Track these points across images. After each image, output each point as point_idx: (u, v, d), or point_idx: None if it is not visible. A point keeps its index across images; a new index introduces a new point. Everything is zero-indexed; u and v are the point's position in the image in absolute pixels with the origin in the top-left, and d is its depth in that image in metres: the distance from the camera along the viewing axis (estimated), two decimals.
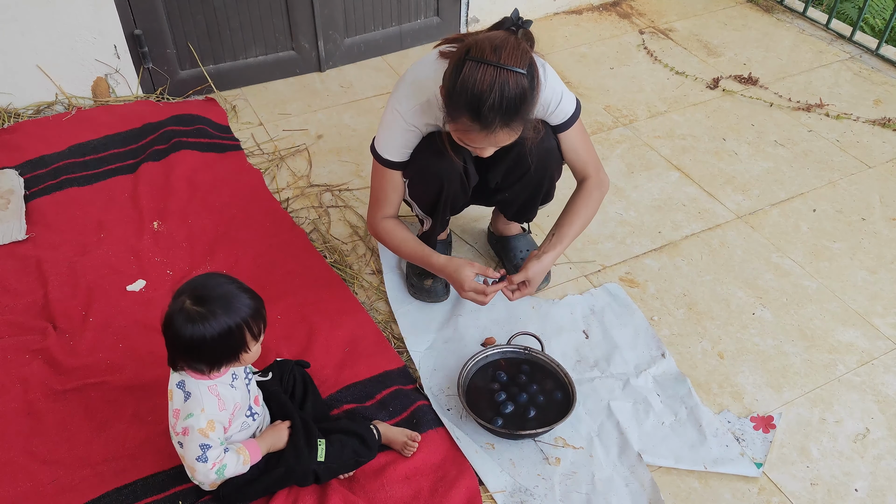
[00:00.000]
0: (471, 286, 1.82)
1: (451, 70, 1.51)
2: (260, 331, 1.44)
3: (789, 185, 2.54)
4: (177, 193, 2.39)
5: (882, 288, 2.17)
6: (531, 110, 1.55)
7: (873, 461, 1.75)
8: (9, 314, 2.01)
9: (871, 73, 3.08)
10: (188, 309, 1.37)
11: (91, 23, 2.63)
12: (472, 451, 1.71)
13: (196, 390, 1.44)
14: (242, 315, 1.39)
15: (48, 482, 1.64)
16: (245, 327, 1.40)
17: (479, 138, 1.55)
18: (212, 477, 1.46)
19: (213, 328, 1.36)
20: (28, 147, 2.52)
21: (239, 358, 1.44)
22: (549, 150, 1.84)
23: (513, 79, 1.46)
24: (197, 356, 1.41)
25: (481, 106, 1.47)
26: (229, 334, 1.38)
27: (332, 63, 3.07)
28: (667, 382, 1.90)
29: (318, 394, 1.74)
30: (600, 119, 2.84)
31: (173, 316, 1.38)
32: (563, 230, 1.89)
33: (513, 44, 1.49)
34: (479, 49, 1.47)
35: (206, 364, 1.42)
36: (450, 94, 1.52)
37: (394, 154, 1.81)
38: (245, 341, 1.41)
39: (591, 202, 1.91)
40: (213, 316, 1.36)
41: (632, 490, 1.67)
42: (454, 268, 1.83)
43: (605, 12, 3.53)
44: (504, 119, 1.50)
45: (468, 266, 1.83)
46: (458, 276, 1.82)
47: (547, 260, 1.87)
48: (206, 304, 1.37)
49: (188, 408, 1.44)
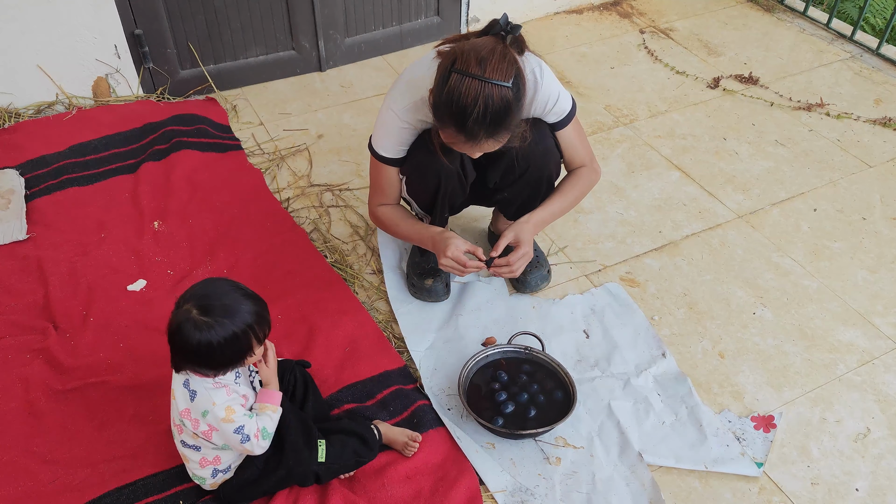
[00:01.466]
0: (454, 254, 1.78)
1: (437, 80, 1.53)
2: (264, 334, 1.46)
3: (790, 184, 2.54)
4: (177, 193, 2.39)
5: (882, 287, 2.17)
6: (516, 121, 1.56)
7: (874, 461, 1.75)
8: (9, 314, 2.02)
9: (871, 73, 3.08)
10: (195, 319, 1.39)
11: (91, 22, 2.63)
12: (472, 451, 1.71)
13: (201, 387, 1.45)
14: (247, 321, 1.41)
15: (49, 482, 1.65)
16: (250, 332, 1.42)
17: (466, 147, 1.59)
18: (264, 445, 1.49)
19: (219, 336, 1.38)
20: (29, 147, 2.53)
21: (244, 361, 1.46)
22: (548, 149, 1.84)
23: (497, 92, 1.48)
24: (204, 362, 1.43)
25: (466, 119, 1.49)
26: (235, 340, 1.40)
27: (332, 63, 3.07)
28: (667, 382, 1.90)
29: (318, 393, 1.74)
30: (601, 119, 2.84)
31: (181, 325, 1.39)
32: (545, 203, 1.89)
33: (499, 55, 1.49)
34: (465, 61, 1.48)
35: (212, 368, 1.44)
36: (436, 105, 1.54)
37: (390, 151, 1.82)
38: (251, 345, 1.43)
39: (581, 182, 1.92)
40: (220, 325, 1.38)
41: (632, 490, 1.67)
42: (446, 236, 1.82)
43: (605, 12, 3.53)
44: (488, 131, 1.52)
45: (459, 238, 1.82)
46: (446, 242, 1.80)
47: (523, 220, 1.84)
48: (212, 313, 1.39)
49: (199, 406, 1.45)
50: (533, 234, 1.85)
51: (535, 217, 1.87)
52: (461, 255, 1.80)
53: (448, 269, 1.82)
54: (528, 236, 1.83)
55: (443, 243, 1.81)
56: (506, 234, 1.83)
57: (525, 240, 1.82)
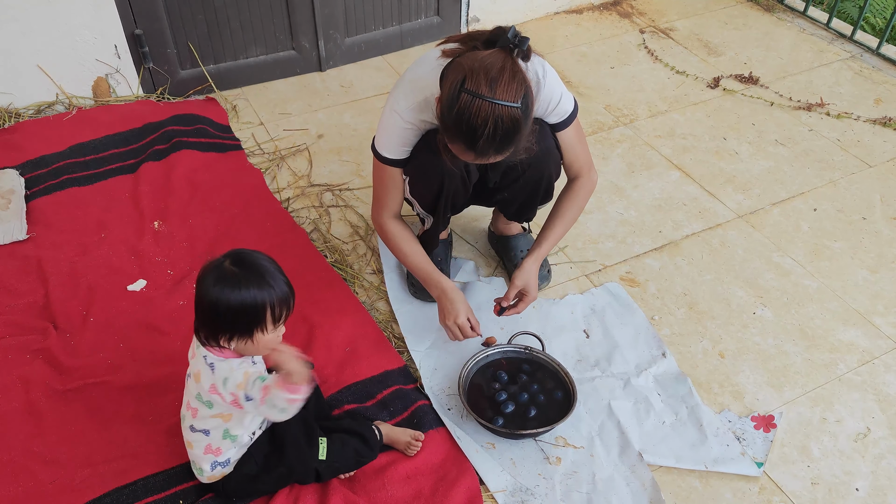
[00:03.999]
0: (462, 322, 1.82)
1: (446, 96, 1.52)
2: (282, 316, 1.42)
3: (790, 184, 2.54)
4: (177, 193, 2.39)
5: (883, 287, 2.17)
6: (525, 135, 1.57)
7: (874, 460, 1.75)
8: (10, 314, 2.02)
9: (871, 73, 3.08)
10: (225, 267, 1.38)
11: (91, 23, 2.63)
12: (472, 451, 1.71)
13: (217, 360, 1.43)
14: (271, 293, 1.39)
15: (49, 482, 1.65)
16: (269, 306, 1.39)
17: (473, 160, 1.60)
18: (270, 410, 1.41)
19: (238, 293, 1.36)
20: (29, 147, 2.53)
21: (253, 336, 1.41)
22: (548, 149, 1.84)
23: (507, 113, 1.48)
24: (214, 316, 1.39)
25: (476, 140, 1.50)
26: (252, 305, 1.37)
27: (332, 63, 3.07)
28: (667, 382, 1.90)
29: (319, 393, 1.74)
30: (601, 118, 2.84)
31: (207, 271, 1.39)
32: (546, 233, 1.93)
33: (508, 74, 1.49)
34: (475, 81, 1.48)
35: (221, 329, 1.40)
36: (445, 122, 1.54)
37: (393, 152, 1.81)
38: (265, 319, 1.40)
39: (578, 201, 1.95)
40: (245, 281, 1.37)
41: (632, 489, 1.67)
42: (456, 298, 1.84)
43: (605, 12, 3.53)
44: (497, 149, 1.54)
45: (466, 304, 1.85)
46: (456, 307, 1.83)
47: (529, 266, 1.89)
48: (243, 268, 1.38)
49: (221, 373, 1.42)
50: (538, 272, 1.91)
51: (540, 254, 1.91)
52: (467, 327, 1.83)
53: (446, 330, 1.85)
54: (534, 282, 1.89)
55: (452, 306, 1.84)
56: (515, 283, 1.88)
57: (532, 286, 1.89)
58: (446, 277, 1.90)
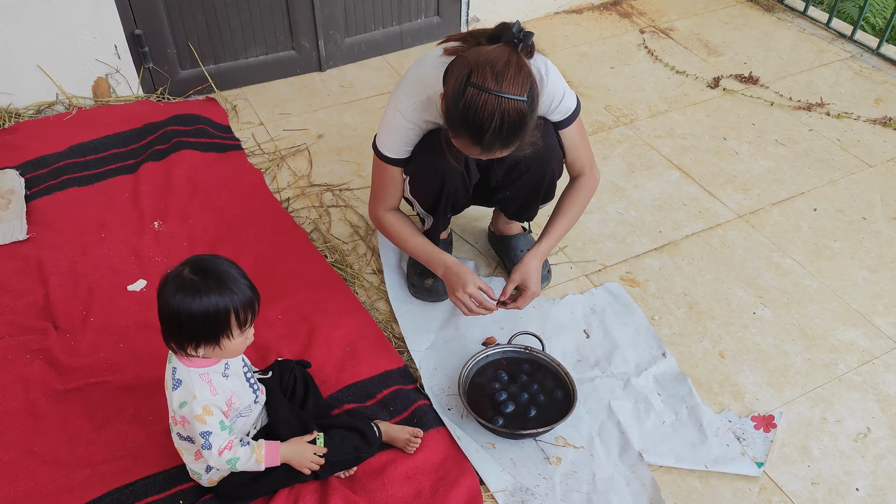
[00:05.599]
0: (473, 291, 1.81)
1: (452, 91, 1.52)
2: (247, 320, 1.41)
3: (790, 184, 2.54)
4: (177, 193, 2.39)
5: (883, 287, 2.17)
6: (531, 129, 1.57)
7: (874, 460, 1.75)
8: (9, 314, 2.02)
9: (871, 73, 3.08)
10: (184, 276, 1.36)
11: (91, 23, 2.63)
12: (472, 451, 1.71)
13: (186, 377, 1.43)
14: (233, 298, 1.37)
15: (49, 482, 1.65)
16: (232, 311, 1.38)
17: (478, 155, 1.60)
18: (221, 465, 1.46)
19: (200, 301, 1.35)
20: (29, 147, 2.53)
21: (220, 342, 1.40)
22: (551, 147, 1.84)
23: (513, 107, 1.48)
24: (177, 326, 1.38)
25: (483, 134, 1.50)
26: (215, 312, 1.36)
27: (332, 63, 3.07)
28: (667, 382, 1.90)
29: (319, 393, 1.74)
30: (601, 118, 2.84)
31: (167, 281, 1.38)
32: (548, 230, 1.92)
33: (514, 68, 1.49)
34: (481, 75, 1.47)
35: (186, 338, 1.39)
36: (451, 116, 1.54)
37: (395, 151, 1.81)
38: (229, 325, 1.39)
39: (581, 199, 1.94)
40: (205, 288, 1.35)
41: (633, 489, 1.67)
42: (462, 270, 1.83)
43: (605, 11, 3.53)
44: (504, 143, 1.54)
45: (473, 274, 1.84)
46: (463, 278, 1.82)
47: (529, 261, 1.87)
48: (203, 275, 1.36)
49: (180, 396, 1.43)
50: (539, 268, 1.89)
51: (541, 250, 1.90)
52: (479, 294, 1.82)
53: (459, 304, 1.83)
54: (534, 277, 1.87)
55: (458, 278, 1.82)
56: (513, 279, 1.87)
57: (532, 282, 1.86)
58: (448, 254, 1.89)
